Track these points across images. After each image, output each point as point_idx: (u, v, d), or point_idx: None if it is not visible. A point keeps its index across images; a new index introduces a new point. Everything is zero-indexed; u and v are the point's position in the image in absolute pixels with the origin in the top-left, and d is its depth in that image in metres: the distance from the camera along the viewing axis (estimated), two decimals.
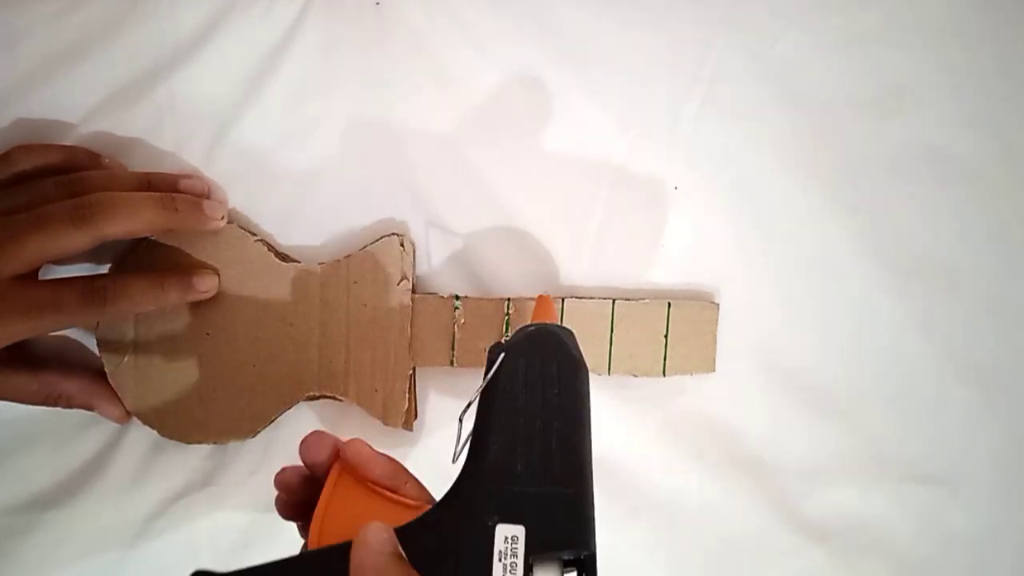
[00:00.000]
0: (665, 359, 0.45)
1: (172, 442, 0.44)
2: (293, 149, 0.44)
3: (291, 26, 0.43)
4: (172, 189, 0.42)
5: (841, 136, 0.46)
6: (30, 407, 0.43)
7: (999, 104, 0.46)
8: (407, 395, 0.44)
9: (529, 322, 0.38)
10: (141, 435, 0.45)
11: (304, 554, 0.32)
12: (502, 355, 0.34)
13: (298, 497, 0.34)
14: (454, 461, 0.33)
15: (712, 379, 0.46)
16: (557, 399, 0.34)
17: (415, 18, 0.44)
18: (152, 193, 0.40)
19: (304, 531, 0.34)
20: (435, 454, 0.47)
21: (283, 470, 0.34)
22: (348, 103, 0.44)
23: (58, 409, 0.43)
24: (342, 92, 0.44)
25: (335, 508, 0.32)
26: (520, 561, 0.29)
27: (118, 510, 0.46)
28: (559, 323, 0.38)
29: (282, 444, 0.46)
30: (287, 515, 0.35)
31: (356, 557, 0.28)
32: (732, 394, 0.47)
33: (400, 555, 0.28)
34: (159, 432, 0.44)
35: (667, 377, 0.46)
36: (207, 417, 0.44)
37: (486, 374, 0.34)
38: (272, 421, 0.44)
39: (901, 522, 0.48)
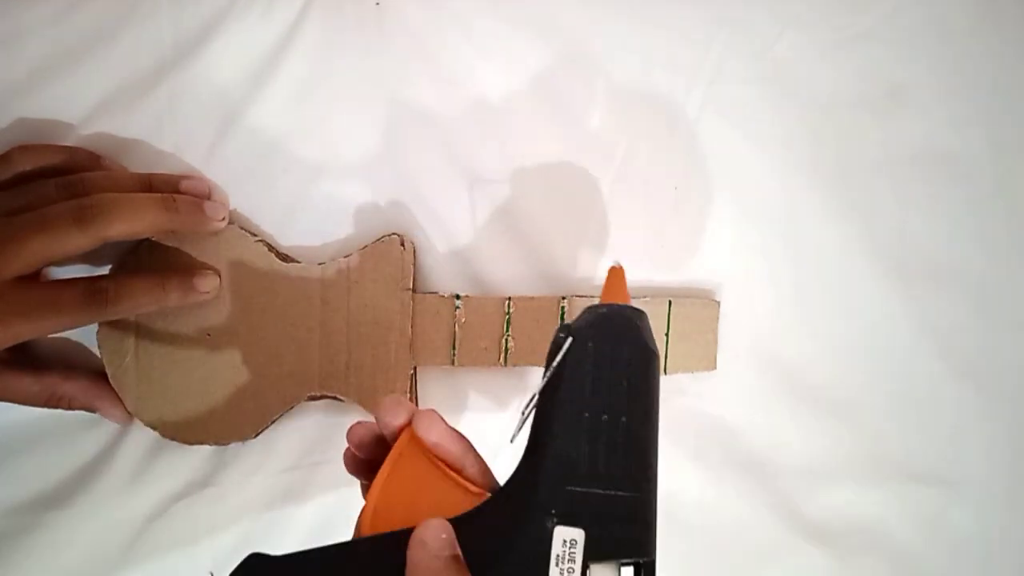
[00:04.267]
0: (666, 357, 0.45)
1: (173, 443, 0.44)
2: (293, 149, 0.44)
3: (291, 26, 0.43)
4: (173, 190, 0.42)
5: (841, 136, 0.46)
6: (32, 408, 0.43)
7: (999, 104, 0.46)
8: (408, 395, 0.44)
9: (598, 302, 0.33)
10: (142, 436, 0.45)
11: (360, 540, 0.30)
12: (569, 340, 0.31)
13: (366, 454, 0.33)
14: (512, 441, 0.31)
15: (712, 379, 0.46)
16: (626, 391, 0.30)
17: (415, 18, 0.44)
18: (153, 194, 0.40)
19: (364, 491, 0.33)
20: None
21: (356, 425, 0.33)
22: (348, 103, 0.44)
23: (59, 410, 0.43)
24: (342, 92, 0.44)
25: (396, 478, 0.30)
26: (578, 567, 0.28)
27: (118, 510, 0.46)
28: (630, 303, 0.34)
29: (283, 445, 0.46)
30: (353, 471, 0.34)
31: (413, 556, 0.27)
32: (732, 394, 0.47)
33: (458, 557, 0.28)
34: (160, 433, 0.44)
35: (668, 375, 0.46)
36: (208, 418, 0.44)
37: (550, 359, 0.31)
38: (273, 422, 0.44)
39: (901, 522, 0.48)
